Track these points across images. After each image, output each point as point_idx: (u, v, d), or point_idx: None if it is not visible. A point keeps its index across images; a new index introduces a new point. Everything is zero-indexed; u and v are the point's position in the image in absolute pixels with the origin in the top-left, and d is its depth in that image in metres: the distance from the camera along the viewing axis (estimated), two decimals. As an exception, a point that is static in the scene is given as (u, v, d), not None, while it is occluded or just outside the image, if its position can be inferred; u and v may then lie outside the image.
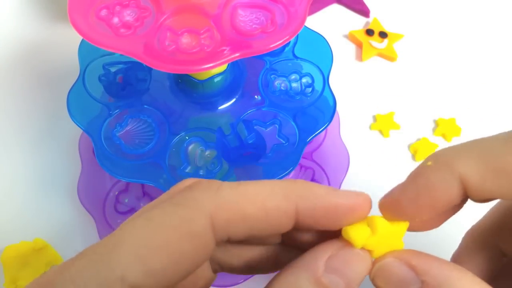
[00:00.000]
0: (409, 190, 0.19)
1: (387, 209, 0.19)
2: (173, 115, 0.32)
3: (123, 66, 0.33)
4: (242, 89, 0.33)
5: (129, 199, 0.36)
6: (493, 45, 0.48)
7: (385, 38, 0.47)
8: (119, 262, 0.16)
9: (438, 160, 0.19)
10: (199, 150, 0.31)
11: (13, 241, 0.36)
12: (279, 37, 0.26)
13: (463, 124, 0.43)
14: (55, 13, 0.49)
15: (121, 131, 0.31)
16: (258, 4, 0.27)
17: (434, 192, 0.18)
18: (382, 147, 0.42)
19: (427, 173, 0.19)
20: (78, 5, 0.26)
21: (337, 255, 0.18)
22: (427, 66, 0.46)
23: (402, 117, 0.43)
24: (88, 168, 0.37)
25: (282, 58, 0.34)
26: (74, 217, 0.38)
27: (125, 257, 0.16)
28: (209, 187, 0.19)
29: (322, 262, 0.18)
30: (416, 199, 0.19)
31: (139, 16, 0.26)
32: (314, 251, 0.18)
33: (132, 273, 0.16)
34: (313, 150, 0.39)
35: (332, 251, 0.18)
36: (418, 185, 0.19)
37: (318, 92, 0.33)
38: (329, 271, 0.17)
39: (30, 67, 0.45)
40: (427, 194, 0.19)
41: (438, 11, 0.50)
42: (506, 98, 0.45)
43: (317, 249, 0.18)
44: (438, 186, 0.18)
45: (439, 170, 0.19)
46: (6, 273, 0.35)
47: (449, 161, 0.19)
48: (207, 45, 0.25)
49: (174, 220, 0.17)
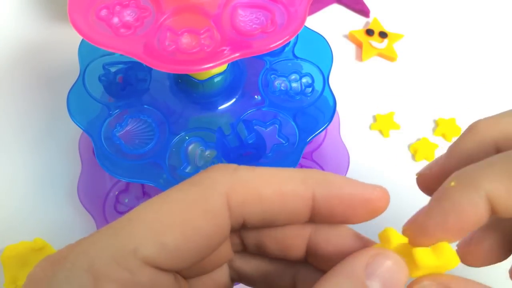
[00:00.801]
0: (435, 214, 0.18)
1: (413, 234, 0.19)
2: (173, 115, 0.32)
3: (123, 66, 0.33)
4: (242, 89, 0.33)
5: (129, 199, 0.36)
6: (493, 45, 0.48)
7: (385, 38, 0.47)
8: (132, 235, 0.16)
9: (462, 180, 0.18)
10: (199, 150, 0.31)
11: (13, 241, 0.36)
12: (279, 37, 0.26)
13: (463, 124, 0.43)
14: (55, 13, 0.49)
15: (121, 131, 0.31)
16: (258, 4, 0.27)
17: (462, 214, 0.18)
18: (382, 147, 0.42)
19: (452, 195, 0.18)
20: (78, 5, 0.26)
21: (375, 261, 0.17)
22: (427, 66, 0.46)
23: (402, 117, 0.43)
24: (88, 168, 0.37)
25: (282, 58, 0.34)
26: (74, 217, 0.38)
27: (139, 231, 0.17)
28: (226, 168, 0.18)
29: (362, 268, 0.17)
30: (444, 223, 0.18)
31: (139, 16, 0.26)
32: (351, 259, 0.17)
33: (145, 246, 0.16)
34: (313, 150, 0.39)
35: (368, 258, 0.17)
36: (444, 208, 0.18)
37: (318, 92, 0.33)
38: (370, 277, 0.17)
39: (30, 67, 0.45)
40: (454, 216, 0.18)
41: (438, 11, 0.50)
42: (506, 98, 0.45)
43: (353, 257, 0.17)
44: (466, 207, 0.18)
45: (465, 191, 0.18)
46: (6, 273, 0.35)
47: (474, 180, 0.18)
48: (207, 45, 0.25)
49: (190, 197, 0.17)
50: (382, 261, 0.17)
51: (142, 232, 0.17)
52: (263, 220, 0.19)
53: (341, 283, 0.17)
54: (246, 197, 0.18)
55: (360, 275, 0.17)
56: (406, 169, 0.41)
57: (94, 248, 0.17)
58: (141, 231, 0.17)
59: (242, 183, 0.18)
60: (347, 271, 0.17)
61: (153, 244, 0.16)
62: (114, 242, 0.17)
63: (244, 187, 0.18)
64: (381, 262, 0.17)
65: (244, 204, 0.18)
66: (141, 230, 0.17)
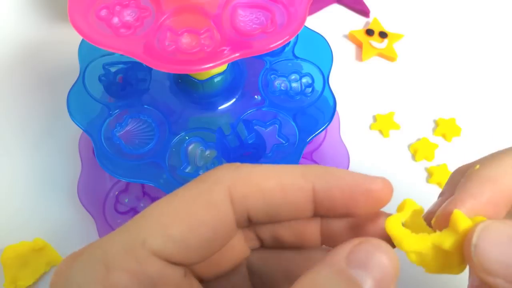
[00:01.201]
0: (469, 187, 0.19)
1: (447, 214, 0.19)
2: (173, 115, 0.32)
3: (123, 66, 0.33)
4: (242, 89, 0.33)
5: (129, 199, 0.36)
6: (493, 45, 0.48)
7: (385, 38, 0.47)
8: (142, 228, 0.18)
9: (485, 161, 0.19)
10: (199, 150, 0.31)
11: (13, 241, 0.36)
12: (279, 37, 0.26)
13: (463, 124, 0.43)
14: (55, 13, 0.49)
15: (121, 131, 0.31)
16: (258, 4, 0.27)
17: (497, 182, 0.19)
18: (382, 147, 0.42)
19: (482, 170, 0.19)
20: (78, 5, 0.26)
21: (358, 248, 0.17)
22: (427, 66, 0.46)
23: (402, 117, 0.43)
24: (88, 168, 0.37)
25: (282, 58, 0.34)
26: (74, 217, 0.38)
27: (148, 224, 0.18)
28: (229, 166, 0.19)
29: (343, 256, 0.17)
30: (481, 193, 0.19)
31: (139, 16, 0.26)
32: (334, 249, 0.18)
33: (153, 238, 0.17)
34: (313, 150, 0.39)
35: (351, 247, 0.17)
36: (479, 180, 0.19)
37: (318, 92, 0.33)
38: (352, 265, 0.16)
39: (30, 67, 0.45)
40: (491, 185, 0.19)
41: (438, 11, 0.50)
42: (506, 98, 0.45)
43: (336, 247, 0.17)
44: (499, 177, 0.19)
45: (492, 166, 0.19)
46: (6, 273, 0.35)
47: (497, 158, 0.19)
48: (207, 45, 0.25)
49: (195, 192, 0.18)
50: (365, 249, 0.17)
51: (150, 225, 0.18)
52: (267, 214, 0.19)
53: (323, 272, 0.17)
54: (248, 191, 0.19)
55: (341, 263, 0.17)
56: (406, 169, 0.41)
57: (107, 242, 0.18)
58: (149, 225, 0.18)
59: (244, 178, 0.19)
60: (329, 261, 0.17)
61: (160, 236, 0.17)
62: (125, 235, 0.18)
63: (246, 181, 0.19)
64: (364, 249, 0.17)
65: (247, 198, 0.19)
66: (149, 223, 0.18)
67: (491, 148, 0.22)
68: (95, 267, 0.17)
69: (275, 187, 0.19)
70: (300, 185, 0.19)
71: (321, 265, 0.17)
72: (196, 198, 0.18)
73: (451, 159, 0.41)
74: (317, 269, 0.17)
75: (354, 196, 0.19)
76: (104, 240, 0.18)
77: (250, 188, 0.19)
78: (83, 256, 0.18)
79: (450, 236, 0.18)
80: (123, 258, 0.17)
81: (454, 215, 0.18)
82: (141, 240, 0.17)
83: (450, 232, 0.18)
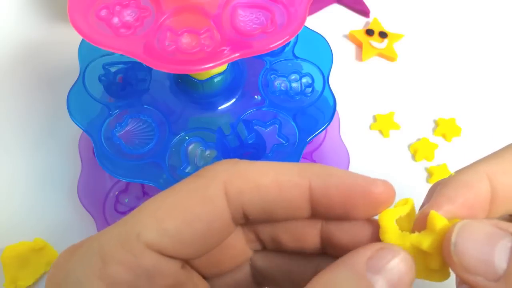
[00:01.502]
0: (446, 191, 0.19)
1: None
2: (173, 115, 0.32)
3: (123, 66, 0.33)
4: (242, 89, 0.33)
5: (129, 199, 0.36)
6: (493, 45, 0.48)
7: (385, 38, 0.47)
8: (137, 222, 0.18)
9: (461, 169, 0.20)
10: (199, 150, 0.31)
11: (13, 241, 0.36)
12: (279, 37, 0.26)
13: (463, 124, 0.43)
14: (55, 13, 0.49)
15: (121, 131, 0.31)
16: (258, 4, 0.27)
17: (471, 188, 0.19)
18: (382, 147, 0.42)
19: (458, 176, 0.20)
20: (78, 5, 0.26)
21: (378, 254, 0.17)
22: (427, 66, 0.46)
23: (402, 117, 0.43)
24: (88, 168, 0.37)
25: (282, 58, 0.34)
26: (74, 217, 0.38)
27: (144, 218, 0.18)
28: (227, 162, 0.19)
29: (363, 260, 0.17)
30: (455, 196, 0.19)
31: (139, 16, 0.26)
32: (354, 252, 0.17)
33: (147, 231, 0.17)
34: (313, 150, 0.39)
35: (371, 252, 0.17)
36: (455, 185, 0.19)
37: (318, 92, 0.33)
38: (372, 269, 0.16)
39: (30, 67, 0.45)
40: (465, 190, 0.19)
41: (438, 11, 0.50)
42: (506, 98, 0.45)
43: (356, 250, 0.17)
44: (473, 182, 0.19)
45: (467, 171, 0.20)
46: (6, 273, 0.35)
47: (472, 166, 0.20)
48: (207, 45, 0.25)
49: (191, 187, 0.19)
50: (385, 255, 0.17)
51: (146, 219, 0.18)
52: (263, 211, 0.19)
53: (341, 274, 0.17)
54: (244, 186, 0.18)
55: (361, 267, 0.17)
56: (406, 169, 0.41)
57: (105, 235, 0.18)
58: (145, 218, 0.18)
59: (240, 173, 0.19)
60: (348, 264, 0.17)
61: (155, 229, 0.18)
62: (122, 229, 0.18)
63: (242, 177, 0.19)
64: (384, 256, 0.17)
65: (242, 193, 0.18)
66: (145, 217, 0.18)
67: (491, 148, 0.22)
68: (92, 261, 0.17)
69: (271, 183, 0.18)
70: (296, 182, 0.19)
71: (340, 266, 0.17)
72: (192, 193, 0.18)
73: (451, 159, 0.41)
74: (336, 270, 0.17)
75: (352, 197, 0.18)
76: (102, 233, 0.18)
77: (246, 184, 0.19)
78: (80, 250, 0.18)
79: (428, 236, 0.18)
80: (119, 251, 0.17)
81: (431, 215, 0.18)
82: (136, 233, 0.17)
83: (428, 233, 0.18)
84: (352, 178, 0.19)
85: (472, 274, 0.17)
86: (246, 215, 0.19)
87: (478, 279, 0.17)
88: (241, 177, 0.19)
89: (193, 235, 0.18)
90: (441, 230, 0.18)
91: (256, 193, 0.19)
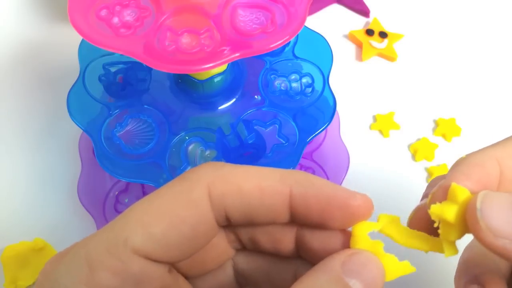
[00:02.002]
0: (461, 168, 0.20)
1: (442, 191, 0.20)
2: (173, 115, 0.32)
3: (123, 66, 0.33)
4: (242, 89, 0.33)
5: (129, 199, 0.36)
6: (493, 45, 0.48)
7: (385, 38, 0.47)
8: (124, 227, 0.18)
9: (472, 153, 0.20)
10: (199, 150, 0.31)
11: (13, 241, 0.36)
12: (279, 37, 0.26)
13: (463, 124, 0.43)
14: (55, 13, 0.49)
15: (121, 131, 0.31)
16: (258, 4, 0.27)
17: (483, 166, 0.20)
18: (382, 147, 0.42)
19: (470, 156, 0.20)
20: (78, 5, 0.26)
21: (352, 259, 0.18)
22: (427, 66, 0.46)
23: (402, 117, 0.43)
24: (88, 168, 0.37)
25: (282, 58, 0.34)
26: (74, 217, 0.38)
27: (130, 223, 0.18)
28: (212, 165, 0.20)
29: (338, 265, 0.18)
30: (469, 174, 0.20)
31: (139, 16, 0.26)
32: (329, 257, 0.18)
33: (134, 236, 0.17)
34: (313, 150, 0.39)
35: (344, 257, 0.18)
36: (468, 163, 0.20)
37: (318, 92, 0.33)
38: (347, 273, 0.17)
39: (30, 67, 0.45)
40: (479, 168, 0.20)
41: (438, 11, 0.50)
42: (506, 98, 0.45)
43: (331, 256, 0.18)
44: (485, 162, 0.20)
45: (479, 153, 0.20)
46: (6, 273, 0.35)
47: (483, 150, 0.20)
48: (207, 45, 0.25)
49: (176, 190, 0.19)
50: (358, 259, 0.18)
51: (132, 224, 0.18)
52: (244, 214, 0.19)
53: (321, 279, 0.17)
54: (226, 190, 0.19)
55: (337, 270, 0.17)
56: (406, 169, 0.41)
57: (91, 241, 0.18)
58: (131, 223, 0.18)
59: (223, 177, 0.19)
60: (326, 269, 0.18)
61: (141, 234, 0.18)
62: (109, 234, 0.18)
63: (225, 180, 0.19)
64: (357, 259, 0.18)
65: (224, 196, 0.19)
66: (131, 222, 0.18)
67: (491, 148, 0.22)
68: (79, 267, 0.17)
69: (253, 187, 0.19)
70: (278, 188, 0.19)
71: (318, 271, 0.18)
72: (177, 196, 0.19)
73: (451, 159, 0.41)
74: (315, 275, 0.18)
75: (330, 207, 0.19)
76: (88, 239, 0.18)
77: (228, 188, 0.19)
78: (67, 257, 0.18)
79: (451, 206, 0.18)
80: (106, 257, 0.17)
81: (453, 187, 0.19)
82: (123, 239, 0.17)
83: (449, 203, 0.19)
84: (332, 189, 0.19)
85: (498, 238, 0.17)
86: (228, 217, 0.19)
87: (505, 242, 0.17)
88: (224, 180, 0.19)
89: (179, 238, 0.18)
90: (464, 201, 0.18)
91: (238, 197, 0.19)
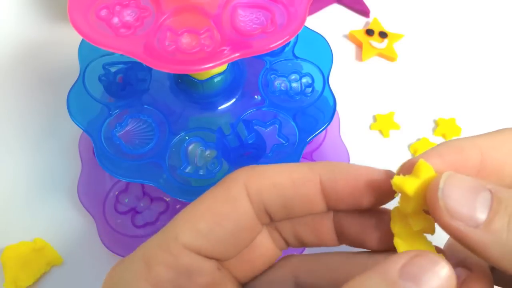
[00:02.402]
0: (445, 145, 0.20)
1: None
2: (173, 115, 0.32)
3: (123, 66, 0.33)
4: (242, 89, 0.33)
5: (129, 199, 0.36)
6: (493, 45, 0.48)
7: (385, 38, 0.47)
8: (174, 227, 0.20)
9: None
10: (199, 150, 0.31)
11: (13, 241, 0.36)
12: (279, 37, 0.26)
13: (463, 124, 0.43)
14: (55, 13, 0.49)
15: (121, 131, 0.31)
16: (258, 4, 0.27)
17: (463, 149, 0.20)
18: (382, 147, 0.42)
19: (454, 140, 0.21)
20: (78, 5, 0.26)
21: (413, 261, 0.17)
22: (427, 66, 0.46)
23: (402, 117, 0.43)
24: (88, 168, 0.37)
25: (282, 58, 0.34)
26: (74, 217, 0.38)
27: (179, 223, 0.20)
28: (247, 167, 0.22)
29: (396, 268, 0.17)
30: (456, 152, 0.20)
31: (139, 16, 0.26)
32: (387, 259, 0.17)
33: (183, 233, 0.20)
34: (313, 150, 0.39)
35: (406, 259, 0.17)
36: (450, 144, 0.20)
37: (318, 92, 0.33)
38: (405, 277, 0.16)
39: (30, 67, 0.45)
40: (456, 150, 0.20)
41: (438, 11, 0.50)
42: (506, 98, 0.45)
43: (391, 257, 0.17)
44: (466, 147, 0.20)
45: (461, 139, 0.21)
46: (6, 273, 0.35)
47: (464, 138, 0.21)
48: (207, 45, 0.25)
49: (216, 191, 0.21)
50: (420, 263, 0.17)
51: (181, 223, 0.20)
52: (282, 207, 0.21)
53: (372, 280, 0.17)
54: (261, 185, 0.21)
55: (394, 274, 0.17)
56: (406, 169, 0.41)
57: (148, 242, 0.21)
58: (180, 223, 0.20)
59: (257, 175, 0.21)
60: (381, 270, 0.17)
61: (190, 230, 0.20)
62: (161, 235, 0.21)
63: (259, 177, 0.21)
64: (419, 263, 0.17)
65: (261, 192, 0.21)
66: (180, 222, 0.20)
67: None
68: (138, 265, 0.20)
69: (286, 180, 0.21)
70: (308, 176, 0.21)
71: (373, 272, 0.17)
72: (217, 195, 0.21)
73: (451, 159, 0.41)
74: (368, 275, 0.17)
75: (358, 186, 0.20)
76: (145, 242, 0.21)
77: (263, 182, 0.21)
78: (128, 258, 0.21)
79: (413, 180, 0.19)
80: (159, 253, 0.20)
81: (420, 163, 0.19)
82: (174, 236, 0.20)
83: (412, 177, 0.19)
84: (357, 169, 0.21)
85: (454, 219, 0.17)
86: (268, 213, 0.21)
87: (460, 224, 0.17)
88: (258, 177, 0.21)
89: (224, 234, 0.20)
90: (427, 179, 0.19)
91: (274, 191, 0.21)
